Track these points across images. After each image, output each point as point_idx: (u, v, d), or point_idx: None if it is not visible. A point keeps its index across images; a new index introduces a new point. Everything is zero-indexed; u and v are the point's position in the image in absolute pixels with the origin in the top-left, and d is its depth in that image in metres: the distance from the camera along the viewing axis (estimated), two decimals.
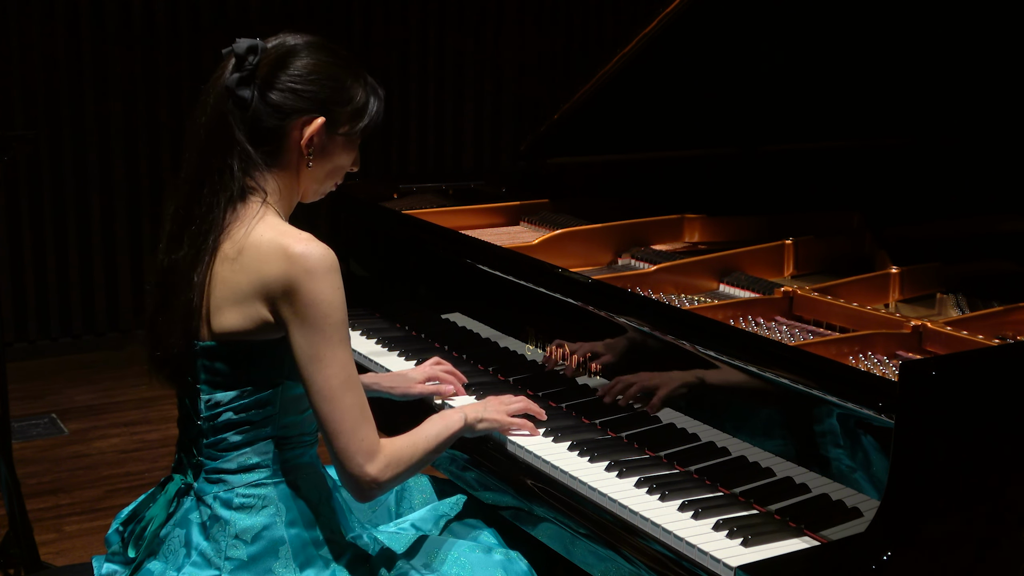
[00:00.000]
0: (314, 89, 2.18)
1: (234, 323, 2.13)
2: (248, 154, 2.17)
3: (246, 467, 2.17)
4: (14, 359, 5.59)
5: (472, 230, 3.26)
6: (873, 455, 1.94)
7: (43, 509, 4.27)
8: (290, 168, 2.22)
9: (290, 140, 2.19)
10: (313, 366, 2.09)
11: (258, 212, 2.15)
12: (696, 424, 2.29)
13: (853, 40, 3.21)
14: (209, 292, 2.14)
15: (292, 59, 2.19)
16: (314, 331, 2.08)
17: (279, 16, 6.33)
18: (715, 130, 3.61)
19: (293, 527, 2.17)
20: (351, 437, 2.11)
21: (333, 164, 2.26)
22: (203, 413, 2.17)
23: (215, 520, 2.16)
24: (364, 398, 2.15)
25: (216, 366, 2.15)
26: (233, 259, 2.13)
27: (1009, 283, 2.82)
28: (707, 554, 1.98)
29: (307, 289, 2.08)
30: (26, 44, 5.83)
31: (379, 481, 2.14)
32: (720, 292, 2.88)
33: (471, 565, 2.25)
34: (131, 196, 6.16)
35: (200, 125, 2.19)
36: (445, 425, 2.33)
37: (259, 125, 2.17)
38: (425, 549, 2.29)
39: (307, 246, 2.10)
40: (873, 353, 2.34)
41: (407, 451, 2.20)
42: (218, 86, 2.19)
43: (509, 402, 2.51)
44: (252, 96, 2.16)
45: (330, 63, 2.22)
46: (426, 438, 2.27)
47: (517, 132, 6.97)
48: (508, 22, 6.98)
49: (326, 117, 2.19)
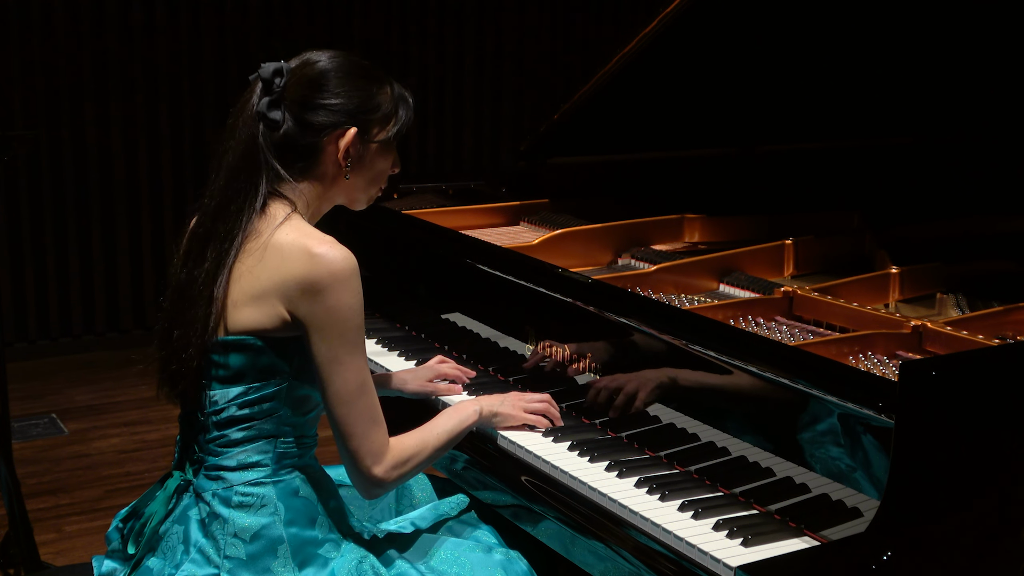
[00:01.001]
0: (343, 102, 2.22)
1: (251, 319, 2.15)
2: (278, 173, 2.21)
3: (245, 465, 2.18)
4: (14, 359, 5.58)
5: (472, 230, 3.26)
6: (873, 455, 1.94)
7: (43, 509, 4.27)
8: (325, 180, 2.26)
9: (325, 154, 2.24)
10: (331, 368, 2.13)
11: (285, 216, 2.19)
12: (696, 424, 2.29)
13: (853, 40, 3.21)
14: (227, 290, 2.16)
15: (318, 76, 2.23)
16: (335, 335, 2.12)
17: (279, 16, 6.32)
18: (715, 130, 3.61)
19: (292, 526, 2.18)
20: (362, 440, 2.16)
21: (373, 171, 2.31)
22: (207, 408, 2.19)
23: (214, 517, 2.17)
24: (377, 401, 2.18)
25: (227, 361, 2.17)
26: (255, 256, 2.16)
27: (1009, 283, 2.82)
28: (707, 554, 1.98)
29: (329, 293, 2.11)
30: (26, 44, 5.83)
31: (385, 481, 2.20)
32: (720, 292, 2.88)
33: (471, 564, 2.26)
34: (131, 196, 6.16)
35: (228, 148, 2.23)
36: (459, 419, 2.37)
37: (292, 144, 2.22)
38: (425, 548, 2.30)
39: (329, 248, 2.14)
40: (873, 353, 2.34)
41: (415, 450, 2.24)
42: (246, 111, 2.23)
43: (530, 399, 2.52)
44: (283, 117, 2.21)
45: (355, 74, 2.25)
46: (437, 435, 2.31)
47: (517, 132, 6.97)
48: (508, 22, 6.98)
49: (358, 127, 2.23)
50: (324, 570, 2.19)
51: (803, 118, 3.57)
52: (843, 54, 3.27)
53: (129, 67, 6.06)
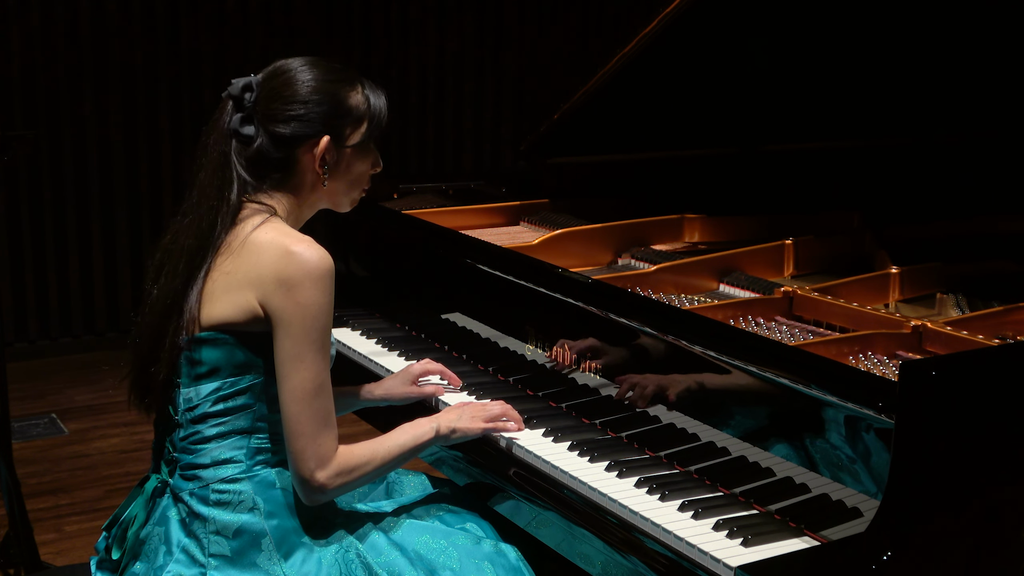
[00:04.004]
0: (313, 111, 2.23)
1: (224, 312, 2.17)
2: (253, 186, 2.24)
3: (219, 461, 2.19)
4: (14, 359, 5.59)
5: (472, 230, 3.26)
6: (873, 455, 1.94)
7: (43, 509, 4.27)
8: (303, 189, 2.28)
9: (301, 165, 2.25)
10: (292, 365, 2.14)
11: (263, 220, 2.20)
12: (696, 424, 2.29)
13: (853, 40, 3.21)
14: (200, 301, 2.19)
15: (287, 87, 2.24)
16: (301, 331, 2.13)
17: (278, 16, 6.33)
18: (715, 130, 3.61)
19: (273, 518, 2.19)
20: (310, 441, 2.15)
21: (352, 175, 2.31)
22: (181, 407, 2.21)
23: (194, 517, 2.18)
24: (332, 405, 2.19)
25: (201, 357, 2.19)
26: (230, 255, 2.18)
27: (1009, 283, 2.82)
28: (707, 554, 1.98)
29: (301, 289, 2.12)
30: (26, 43, 5.83)
31: (326, 488, 2.18)
32: (720, 292, 2.88)
33: (458, 554, 2.26)
34: (131, 196, 6.16)
35: (202, 166, 2.25)
36: (414, 435, 2.34)
37: (267, 157, 2.23)
38: (412, 534, 2.29)
39: (307, 247, 2.15)
40: (873, 353, 2.34)
41: (362, 460, 2.23)
42: (219, 128, 2.25)
43: (486, 408, 2.48)
44: (256, 132, 2.23)
45: (325, 80, 2.25)
46: (388, 448, 2.29)
47: (517, 132, 6.97)
48: (508, 22, 6.98)
49: (330, 135, 2.24)
50: (311, 557, 2.20)
51: (803, 118, 3.57)
52: (843, 54, 3.27)
53: (130, 67, 6.06)
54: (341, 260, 3.46)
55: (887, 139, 3.72)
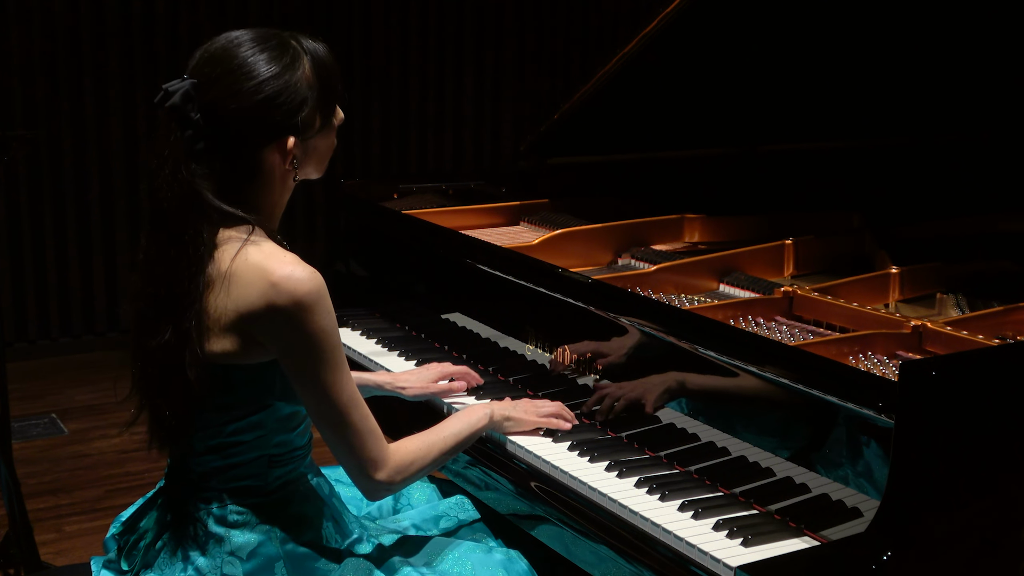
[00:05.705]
0: (271, 116, 2.07)
1: (223, 348, 2.08)
2: (225, 211, 2.07)
3: (239, 484, 2.15)
4: (14, 359, 5.58)
5: (472, 230, 3.26)
6: (873, 455, 1.94)
7: (43, 509, 4.27)
8: (273, 182, 2.14)
9: (268, 165, 2.11)
10: (316, 392, 2.08)
11: (244, 241, 2.07)
12: (696, 424, 2.29)
13: (853, 40, 3.21)
14: (202, 323, 2.06)
15: (235, 97, 2.06)
16: (313, 360, 2.06)
17: (278, 16, 6.33)
18: (715, 130, 3.61)
19: (287, 543, 2.16)
20: (360, 453, 2.12)
21: (319, 152, 2.18)
22: (197, 435, 2.14)
23: (209, 536, 2.14)
24: (367, 411, 2.14)
25: (210, 389, 2.09)
26: (220, 285, 2.06)
27: (1009, 283, 2.82)
28: (707, 554, 1.98)
29: (298, 321, 2.03)
30: (26, 44, 5.83)
31: (390, 485, 2.17)
32: (720, 292, 2.88)
33: (473, 565, 2.25)
34: (131, 196, 6.16)
35: (163, 197, 2.06)
36: (468, 423, 2.34)
37: (231, 172, 2.09)
38: (426, 549, 2.29)
39: (292, 271, 2.03)
40: (873, 353, 2.34)
41: (418, 455, 2.21)
42: (172, 148, 2.06)
43: (541, 405, 2.49)
44: (212, 146, 2.06)
45: (272, 76, 2.08)
46: (443, 438, 2.28)
47: (517, 132, 6.97)
48: (508, 22, 6.98)
49: (294, 133, 2.10)
50: None
51: (803, 118, 3.57)
52: (843, 54, 3.27)
53: (129, 67, 6.06)
54: (341, 260, 3.46)
55: (887, 139, 3.72)
